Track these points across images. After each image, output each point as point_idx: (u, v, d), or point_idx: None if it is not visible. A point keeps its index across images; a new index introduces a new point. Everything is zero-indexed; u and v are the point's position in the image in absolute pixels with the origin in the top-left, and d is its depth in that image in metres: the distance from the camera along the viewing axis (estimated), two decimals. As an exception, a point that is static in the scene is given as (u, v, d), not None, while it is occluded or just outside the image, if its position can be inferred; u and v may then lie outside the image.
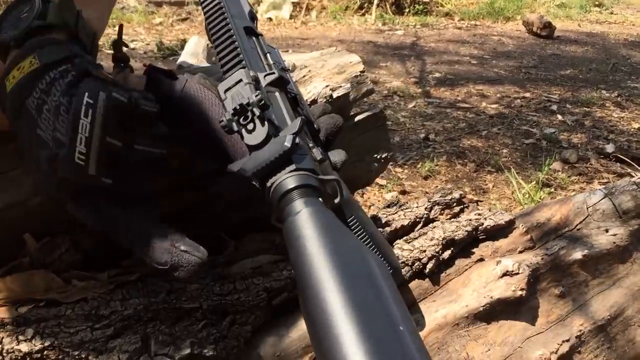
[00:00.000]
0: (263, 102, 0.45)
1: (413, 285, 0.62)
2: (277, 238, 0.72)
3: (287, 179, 0.42)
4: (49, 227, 0.59)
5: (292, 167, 0.42)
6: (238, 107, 0.45)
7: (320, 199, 0.42)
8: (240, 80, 0.49)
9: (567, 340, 0.65)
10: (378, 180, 1.76)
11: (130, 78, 0.55)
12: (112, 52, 0.60)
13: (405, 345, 0.29)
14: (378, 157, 0.78)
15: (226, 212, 0.71)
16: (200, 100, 0.52)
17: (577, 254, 0.69)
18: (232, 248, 0.69)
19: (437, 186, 1.78)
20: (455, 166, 1.92)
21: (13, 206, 0.56)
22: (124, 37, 0.62)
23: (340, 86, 0.71)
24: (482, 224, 0.68)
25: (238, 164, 0.46)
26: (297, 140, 0.43)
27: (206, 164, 0.65)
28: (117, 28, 0.63)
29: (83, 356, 0.47)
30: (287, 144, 0.42)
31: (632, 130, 2.40)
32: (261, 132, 0.45)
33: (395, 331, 0.30)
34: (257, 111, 0.45)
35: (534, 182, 1.77)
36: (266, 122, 0.45)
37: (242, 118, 0.45)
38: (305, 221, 0.38)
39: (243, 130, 0.45)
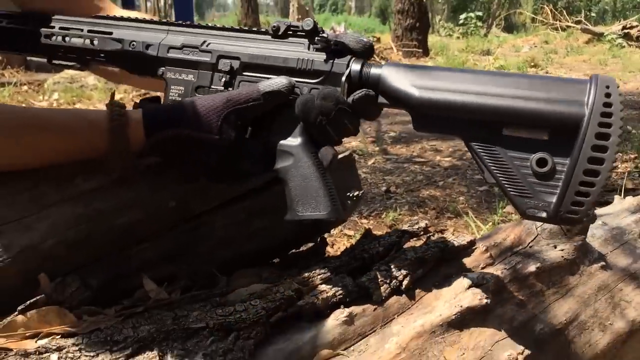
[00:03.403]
0: None
1: (392, 300, 0.69)
2: (264, 272, 0.79)
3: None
4: (59, 268, 0.64)
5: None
6: None
7: None
8: None
9: (531, 343, 0.73)
10: (346, 231, 1.85)
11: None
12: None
13: None
14: (351, 195, 0.87)
15: (216, 249, 0.77)
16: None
17: (532, 267, 0.78)
18: (224, 283, 0.75)
19: (402, 234, 1.87)
20: (417, 214, 2.04)
21: (28, 249, 0.62)
22: None
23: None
24: (448, 245, 0.77)
25: None
26: None
27: (202, 203, 0.73)
28: (76, 105, 0.77)
29: (105, 373, 0.52)
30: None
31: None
32: None
33: None
34: None
35: (491, 223, 1.89)
36: None
37: None
38: None
39: None
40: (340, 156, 0.85)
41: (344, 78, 0.67)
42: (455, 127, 0.61)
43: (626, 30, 10.14)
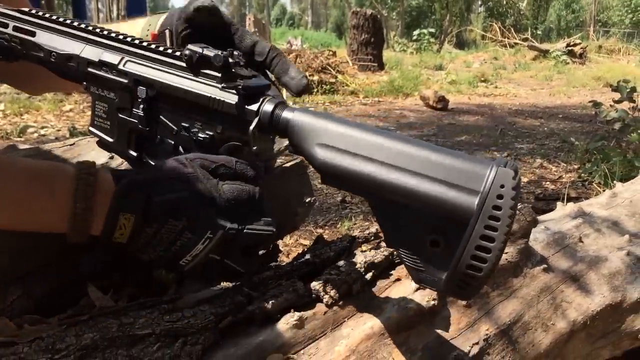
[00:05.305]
0: None
1: (342, 304, 0.70)
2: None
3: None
4: (2, 277, 0.62)
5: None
6: None
7: None
8: None
9: (477, 343, 0.75)
10: (301, 241, 1.85)
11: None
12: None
13: None
14: (303, 201, 0.88)
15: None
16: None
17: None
18: (173, 290, 0.74)
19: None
20: (372, 224, 2.06)
21: (-35, 257, 0.60)
22: (33, 124, 0.71)
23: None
24: (397, 249, 0.78)
25: None
26: None
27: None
28: (24, 117, 0.72)
29: (46, 382, 0.50)
30: None
31: (522, 183, 2.69)
32: None
33: None
34: None
35: (443, 232, 1.93)
36: None
37: None
38: None
39: None
40: (291, 163, 0.86)
41: (251, 127, 0.60)
42: (360, 190, 0.59)
43: (570, 48, 10.64)
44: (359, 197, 2.36)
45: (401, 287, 0.74)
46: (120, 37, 0.68)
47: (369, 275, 0.73)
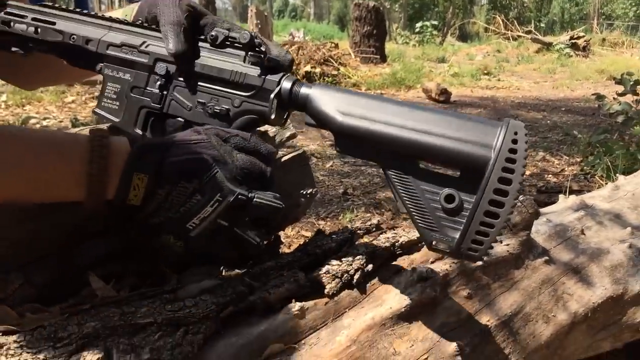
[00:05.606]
0: None
1: (343, 294, 0.70)
2: (216, 270, 0.78)
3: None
4: (2, 265, 0.62)
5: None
6: None
7: None
8: None
9: (477, 334, 0.75)
10: (303, 232, 1.85)
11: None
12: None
13: None
14: (304, 192, 0.87)
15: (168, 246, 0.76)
16: None
17: (479, 262, 0.80)
18: (174, 280, 0.74)
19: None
20: (373, 216, 2.06)
21: (-33, 246, 0.60)
22: (35, 115, 0.72)
23: (267, 130, 0.81)
24: (398, 240, 0.78)
25: None
26: None
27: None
28: (26, 108, 0.74)
29: (48, 370, 0.50)
30: None
31: (525, 176, 2.68)
32: None
33: None
34: None
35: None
36: None
37: None
38: None
39: None
40: (293, 154, 0.86)
41: (272, 95, 0.67)
42: (375, 154, 0.63)
43: (573, 41, 10.58)
44: (360, 190, 2.36)
45: (402, 277, 0.74)
46: (140, 24, 0.73)
47: (370, 266, 0.73)
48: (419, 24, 13.89)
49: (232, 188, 0.60)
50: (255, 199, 0.61)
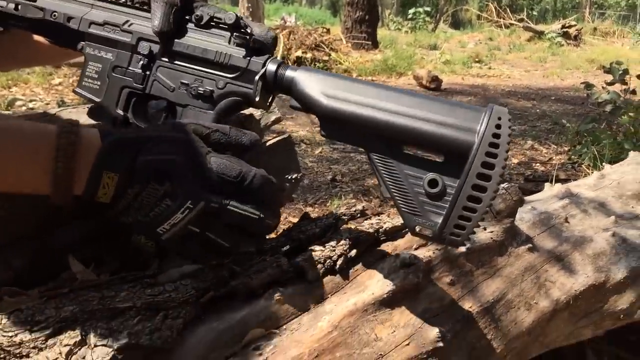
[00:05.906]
0: None
1: (326, 280, 0.70)
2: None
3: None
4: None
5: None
6: None
7: None
8: None
9: (460, 320, 0.75)
10: (290, 218, 1.85)
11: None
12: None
13: None
14: (290, 177, 0.87)
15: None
16: None
17: (462, 248, 0.81)
18: (156, 265, 0.74)
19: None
20: (361, 203, 2.06)
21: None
22: (21, 97, 0.71)
23: (252, 114, 0.81)
24: (382, 226, 0.78)
25: None
26: None
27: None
28: (12, 89, 0.72)
29: (24, 353, 0.50)
30: None
31: (512, 164, 2.69)
32: None
33: None
34: None
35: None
36: None
37: None
38: None
39: None
40: (278, 138, 0.85)
41: (257, 77, 0.67)
42: (359, 137, 0.64)
43: (565, 29, 10.60)
44: (349, 176, 2.36)
45: (386, 263, 0.74)
46: (125, 2, 0.72)
47: (353, 252, 0.73)
48: (411, 11, 13.82)
49: (204, 195, 0.58)
50: (229, 207, 0.59)
